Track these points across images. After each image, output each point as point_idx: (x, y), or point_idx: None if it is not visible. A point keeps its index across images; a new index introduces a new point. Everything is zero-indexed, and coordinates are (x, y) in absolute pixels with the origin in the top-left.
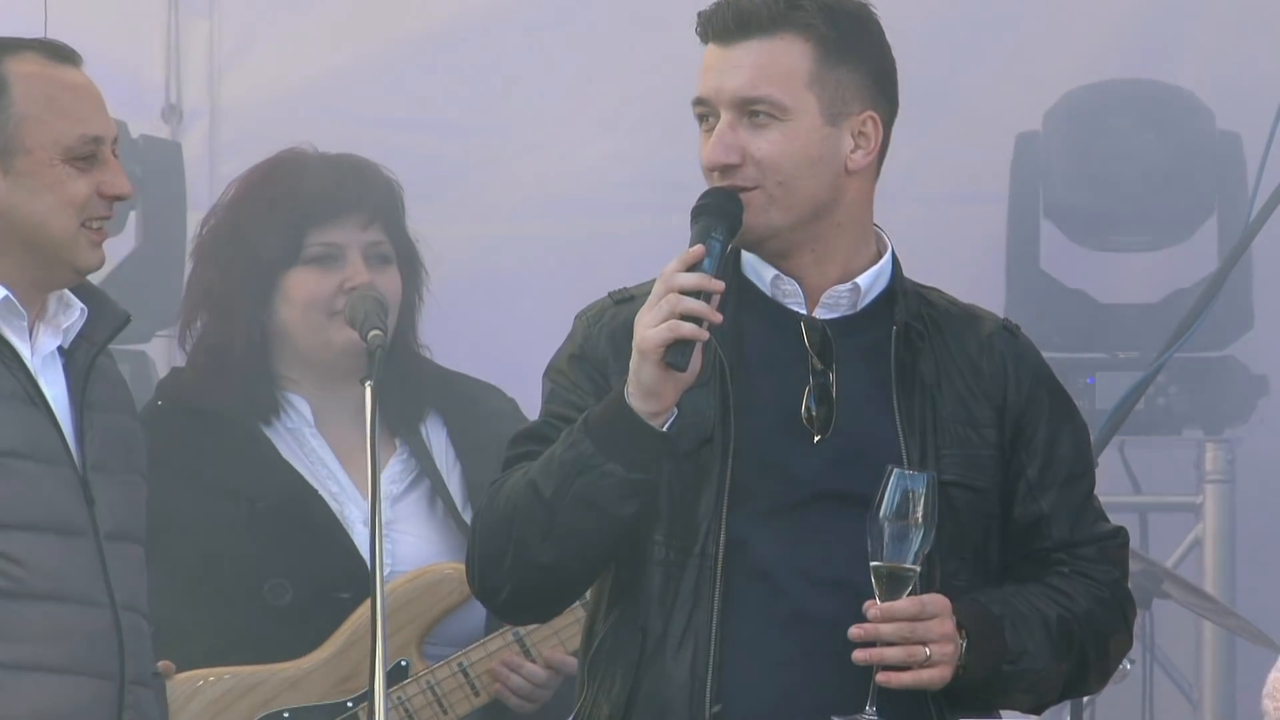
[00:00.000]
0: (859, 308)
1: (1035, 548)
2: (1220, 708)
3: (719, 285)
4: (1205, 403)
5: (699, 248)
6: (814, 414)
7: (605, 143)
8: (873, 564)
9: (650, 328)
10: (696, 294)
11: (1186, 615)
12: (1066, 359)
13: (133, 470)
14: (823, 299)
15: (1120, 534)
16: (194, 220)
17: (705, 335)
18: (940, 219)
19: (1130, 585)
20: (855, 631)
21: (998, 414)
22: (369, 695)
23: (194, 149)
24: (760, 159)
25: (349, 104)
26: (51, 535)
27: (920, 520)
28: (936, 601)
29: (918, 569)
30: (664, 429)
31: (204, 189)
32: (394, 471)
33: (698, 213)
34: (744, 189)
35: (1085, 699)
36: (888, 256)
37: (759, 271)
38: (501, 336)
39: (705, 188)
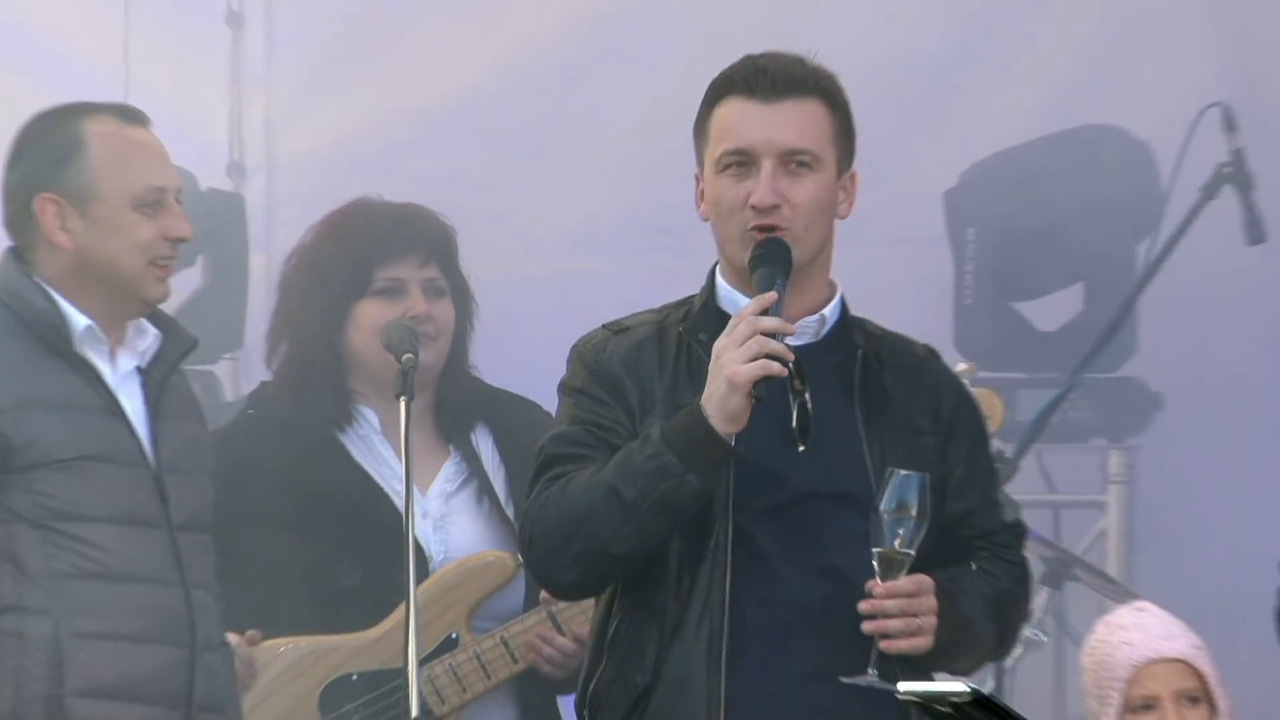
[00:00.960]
0: (822, 335)
1: (961, 535)
2: None
3: (793, 330)
4: (1109, 416)
5: (772, 294)
6: (796, 426)
7: (603, 194)
8: (875, 550)
9: (740, 364)
10: (774, 335)
11: (1092, 595)
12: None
13: (202, 471)
14: (796, 328)
15: (1020, 524)
16: (255, 261)
17: (785, 373)
18: (883, 261)
19: (1045, 569)
20: (865, 606)
21: (934, 422)
22: (404, 668)
23: (254, 199)
24: (797, 203)
25: (387, 160)
26: (128, 526)
27: (915, 514)
28: (926, 581)
29: (913, 554)
30: (734, 444)
31: (263, 234)
32: (448, 473)
33: (759, 260)
34: (777, 229)
35: (1008, 664)
36: (840, 292)
37: (736, 303)
38: (541, 361)
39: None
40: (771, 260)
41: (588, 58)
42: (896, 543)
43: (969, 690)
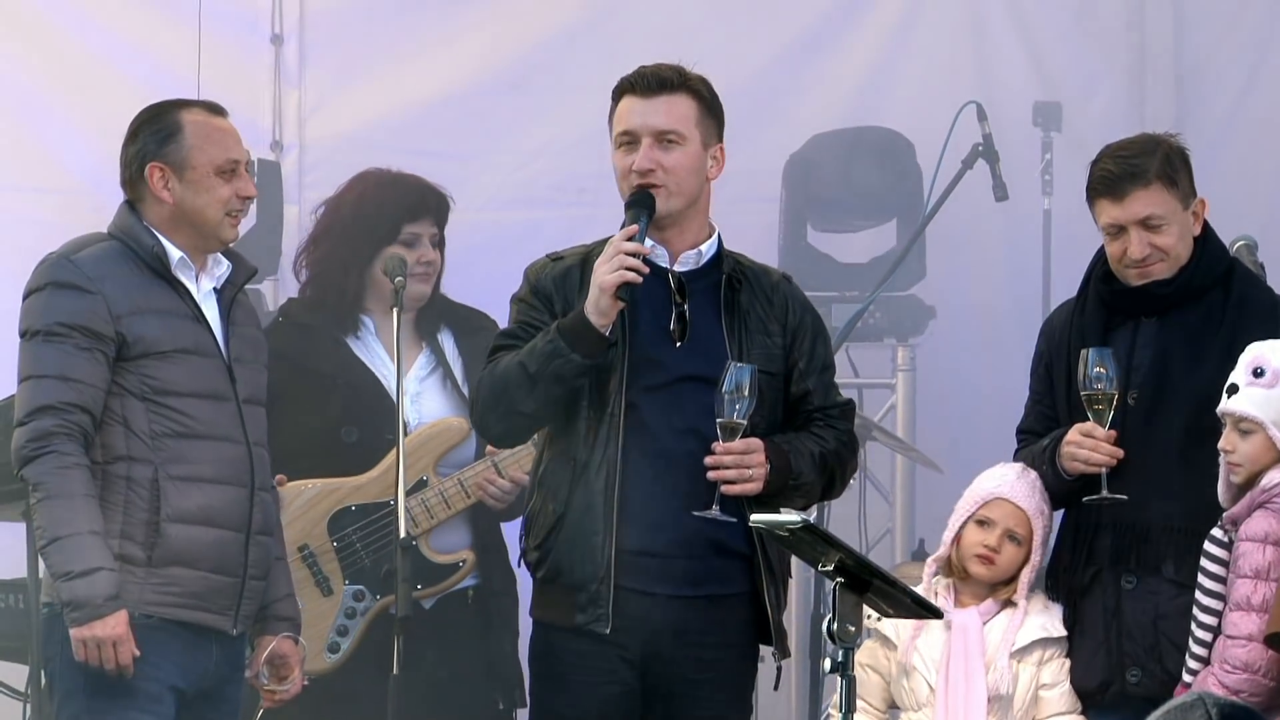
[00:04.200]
0: (700, 264)
1: (803, 410)
2: (905, 504)
3: (647, 250)
4: (897, 323)
5: (634, 227)
6: (675, 328)
7: (539, 163)
8: (718, 420)
9: (608, 275)
10: (635, 255)
11: (885, 450)
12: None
13: (259, 361)
14: (680, 258)
15: (850, 402)
16: (288, 211)
17: (639, 280)
18: (734, 215)
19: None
20: (709, 460)
21: (782, 328)
22: (390, 501)
23: (289, 168)
24: (669, 168)
25: (383, 140)
26: (209, 400)
27: (746, 393)
28: (755, 443)
29: (744, 423)
30: (608, 334)
31: (294, 192)
32: (421, 362)
33: (630, 204)
34: (656, 186)
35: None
36: (717, 233)
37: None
38: (492, 283)
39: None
40: (637, 204)
41: (529, 74)
42: (734, 415)
43: (799, 519)
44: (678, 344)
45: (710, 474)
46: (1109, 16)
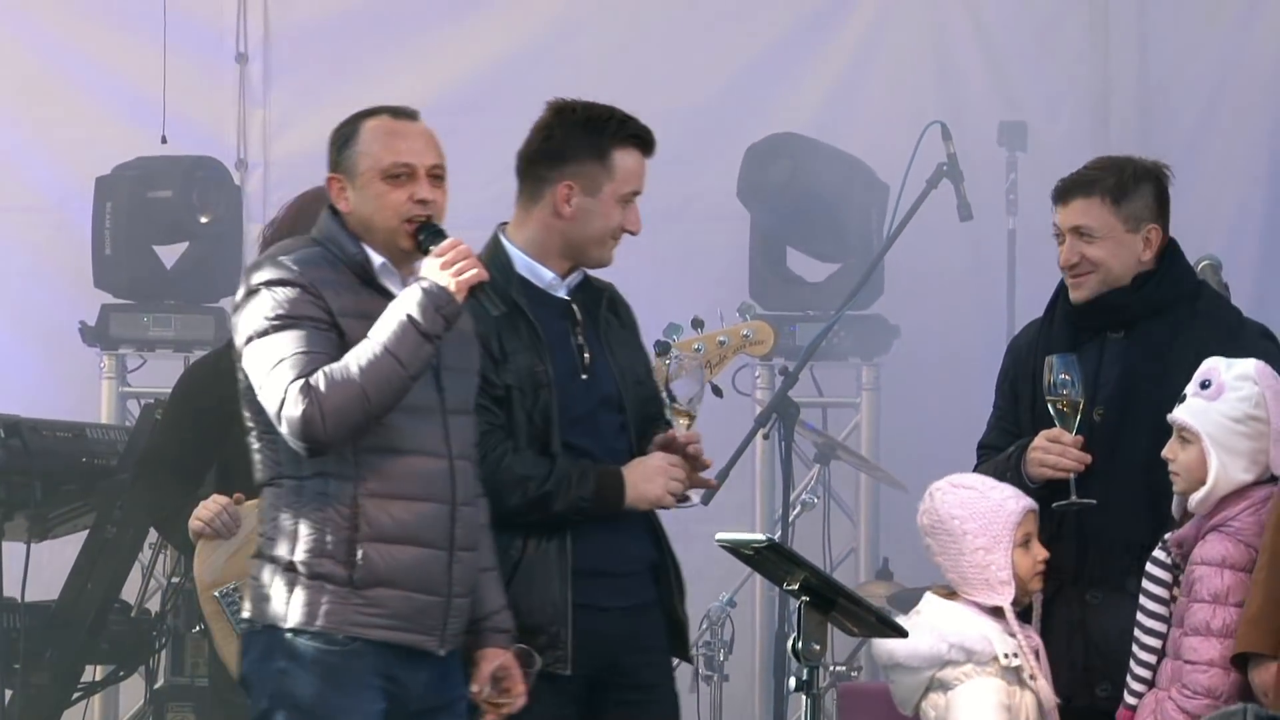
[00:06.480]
0: (576, 284)
1: (653, 410)
2: (870, 523)
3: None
4: (861, 342)
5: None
6: (580, 360)
7: (497, 185)
8: (675, 407)
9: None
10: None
11: (850, 470)
12: (782, 315)
13: (470, 369)
14: (565, 283)
15: None
16: (251, 229)
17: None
18: (698, 235)
19: (817, 451)
20: (693, 450)
21: (632, 334)
22: None
23: (253, 186)
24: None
25: None
26: (413, 413)
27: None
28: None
29: (694, 414)
30: None
31: (259, 208)
32: None
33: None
34: None
35: (791, 517)
36: None
37: (537, 273)
38: None
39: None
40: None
41: (494, 92)
42: (690, 403)
43: (765, 538)
44: (584, 376)
45: (705, 459)
46: (1073, 36)
